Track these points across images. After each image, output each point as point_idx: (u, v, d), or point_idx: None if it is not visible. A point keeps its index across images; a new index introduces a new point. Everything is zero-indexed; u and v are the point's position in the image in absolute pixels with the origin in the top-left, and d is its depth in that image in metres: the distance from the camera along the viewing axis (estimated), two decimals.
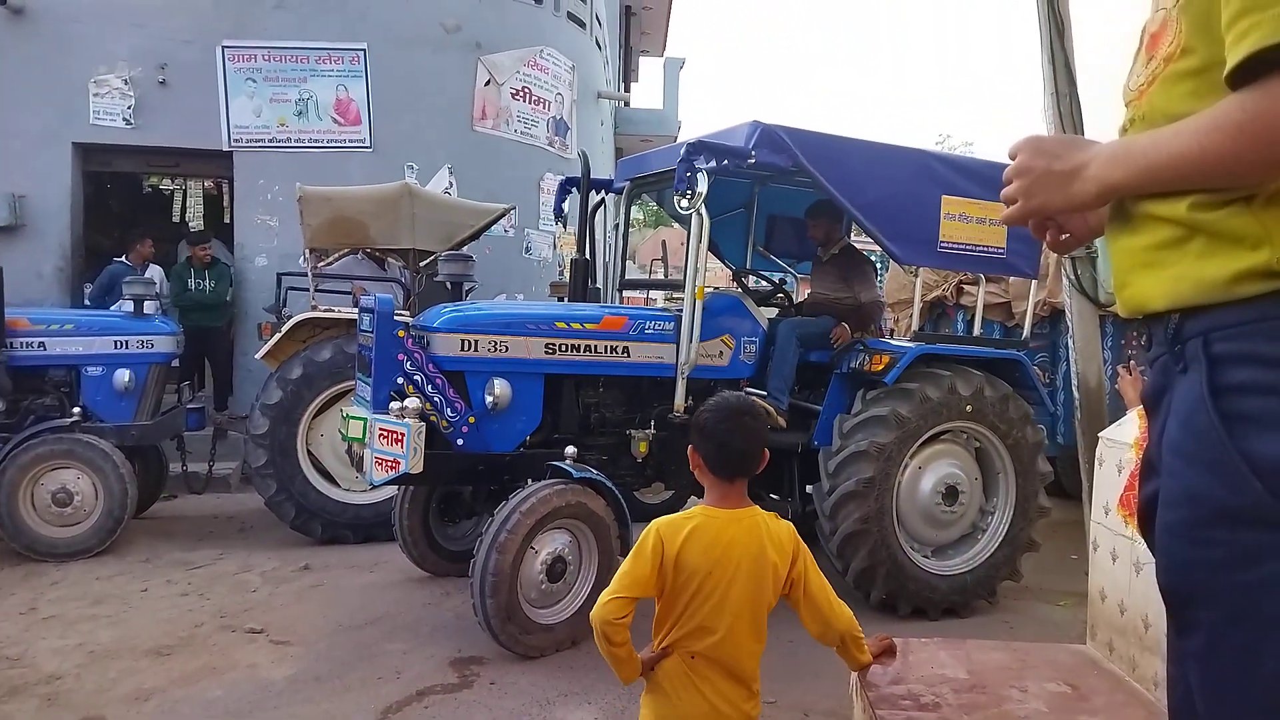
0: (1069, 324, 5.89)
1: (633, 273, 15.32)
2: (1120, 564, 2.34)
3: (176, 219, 10.08)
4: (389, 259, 7.05)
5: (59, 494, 5.36)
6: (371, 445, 4.16)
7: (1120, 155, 1.14)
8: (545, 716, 3.53)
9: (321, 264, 6.49)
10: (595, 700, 3.69)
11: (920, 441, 4.78)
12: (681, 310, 4.63)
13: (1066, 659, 2.45)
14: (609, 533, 4.19)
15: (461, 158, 9.28)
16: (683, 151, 4.36)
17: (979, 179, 4.91)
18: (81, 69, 8.54)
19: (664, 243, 8.47)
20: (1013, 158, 1.27)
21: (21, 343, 5.65)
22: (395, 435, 4.05)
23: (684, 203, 4.38)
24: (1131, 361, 5.53)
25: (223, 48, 8.68)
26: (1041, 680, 2.25)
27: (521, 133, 9.77)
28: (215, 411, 7.20)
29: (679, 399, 4.64)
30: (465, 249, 6.73)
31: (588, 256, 5.52)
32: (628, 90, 19.85)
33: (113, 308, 6.89)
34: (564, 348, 4.54)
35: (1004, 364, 5.15)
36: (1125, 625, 2.31)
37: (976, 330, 5.58)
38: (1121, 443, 2.39)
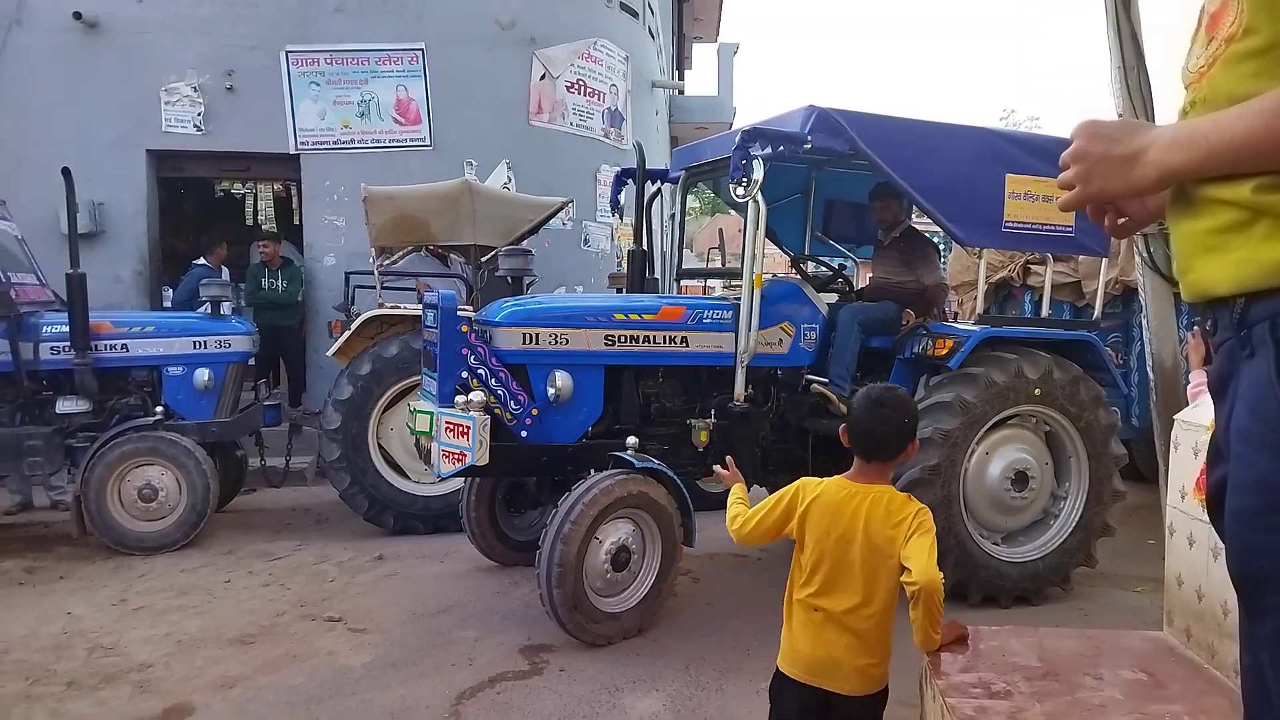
0: (1142, 303, 5.71)
1: (690, 262, 15.29)
2: (1197, 549, 2.29)
3: (249, 222, 10.36)
4: (451, 255, 7.16)
5: (144, 490, 5.58)
6: (438, 438, 4.24)
7: (1181, 139, 1.12)
8: (614, 704, 3.58)
9: (387, 262, 6.63)
10: (663, 688, 3.73)
11: (987, 427, 4.70)
12: (739, 299, 4.62)
13: (1142, 646, 2.40)
14: (671, 521, 4.21)
15: (519, 152, 9.37)
16: (738, 139, 4.32)
17: (1045, 155, 4.77)
18: (152, 78, 8.84)
19: (720, 231, 8.43)
20: (1072, 141, 1.25)
21: (105, 345, 5.88)
22: (461, 428, 4.12)
23: (739, 190, 4.34)
24: (1196, 326, 5.36)
25: (286, 53, 8.90)
26: (1117, 667, 2.21)
27: (577, 125, 9.83)
28: (290, 408, 7.41)
29: (738, 388, 4.63)
30: (525, 243, 6.80)
31: (645, 247, 5.51)
32: (682, 78, 19.77)
33: (199, 309, 7.13)
34: (623, 339, 4.56)
35: (1074, 345, 5.05)
36: (1203, 611, 2.25)
37: (1044, 311, 5.47)
38: (1197, 425, 2.33)
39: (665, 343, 4.64)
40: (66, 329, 5.69)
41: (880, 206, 5.49)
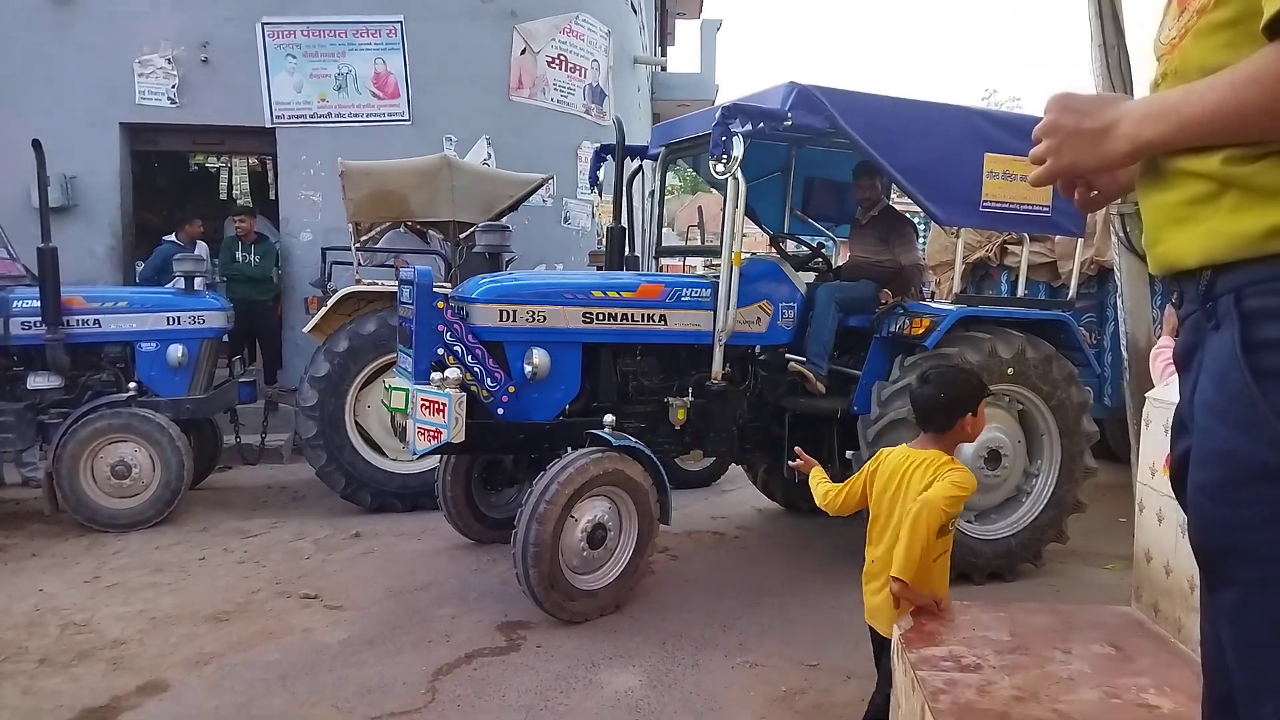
0: (1118, 282, 5.76)
1: (671, 240, 15.26)
2: (1166, 525, 2.32)
3: (224, 196, 10.25)
4: (430, 232, 7.11)
5: (118, 467, 5.53)
6: (414, 416, 4.21)
7: (1153, 111, 1.12)
8: (591, 679, 3.60)
9: (364, 238, 6.57)
10: (639, 663, 3.75)
11: None
12: (718, 277, 4.61)
13: (1111, 621, 2.43)
14: (648, 499, 4.21)
15: (499, 128, 9.29)
16: (718, 115, 4.29)
17: (1023, 134, 4.71)
18: (126, 49, 8.69)
19: (700, 209, 8.40)
20: (1046, 113, 1.25)
21: (78, 320, 5.81)
22: (437, 405, 4.10)
23: (719, 167, 4.33)
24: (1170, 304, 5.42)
25: (263, 24, 8.76)
26: (1086, 642, 2.24)
27: (558, 101, 9.75)
28: (265, 385, 7.36)
29: (716, 366, 4.63)
30: (504, 220, 6.76)
31: (624, 225, 5.50)
32: (664, 55, 19.64)
33: (168, 286, 7.05)
34: (601, 316, 4.54)
35: (1048, 325, 5.07)
36: (1171, 586, 2.28)
37: (1021, 291, 5.49)
38: (1168, 403, 2.35)
39: (643, 321, 4.62)
40: (38, 304, 5.61)
41: (862, 185, 5.49)
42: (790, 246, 5.92)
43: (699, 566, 5.06)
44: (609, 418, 4.32)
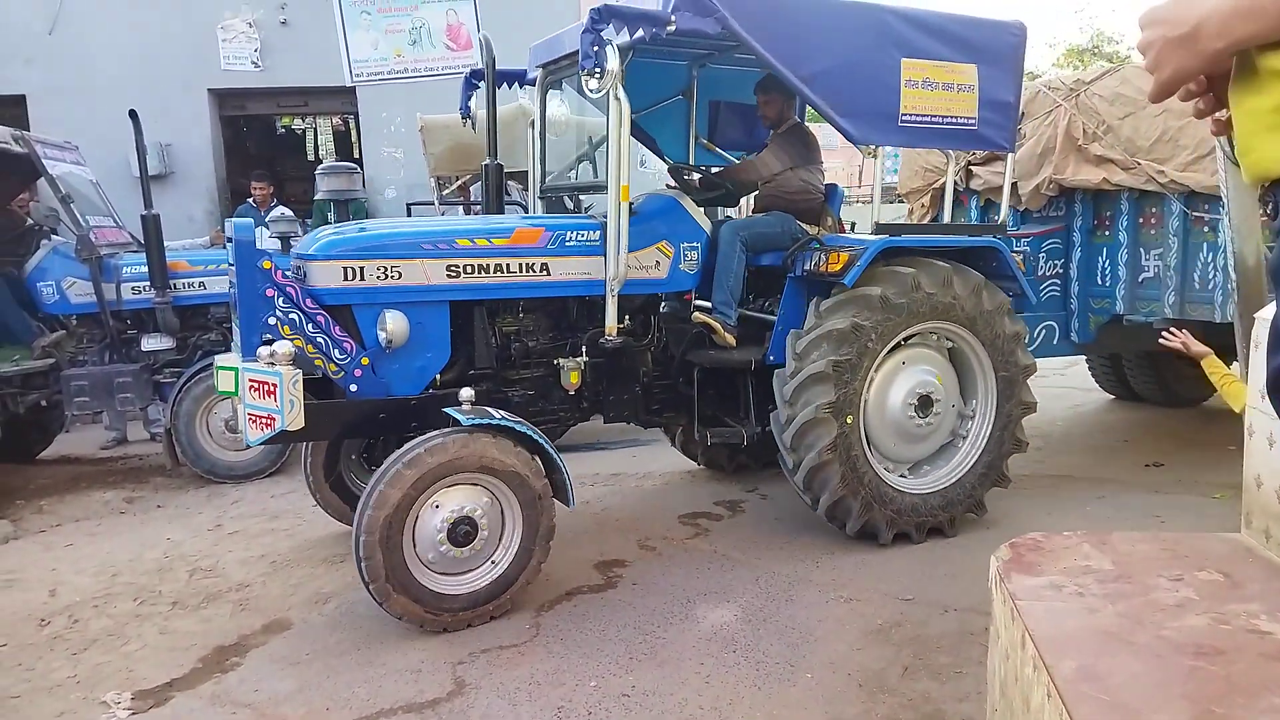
0: (1224, 199, 5.46)
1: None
2: (1277, 449, 2.24)
3: (310, 157, 10.50)
4: (510, 182, 7.16)
5: (230, 421, 5.82)
6: (244, 399, 3.57)
7: (1243, 6, 1.06)
8: (687, 614, 3.69)
9: (445, 191, 6.66)
10: (734, 599, 3.82)
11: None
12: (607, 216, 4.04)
13: (1219, 548, 2.38)
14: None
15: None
16: (585, 21, 3.70)
17: (944, 37, 4.27)
18: (209, 16, 8.90)
19: (591, 139, 8.01)
20: (1141, 30, 1.20)
21: (184, 283, 6.08)
22: (267, 386, 3.47)
23: (592, 83, 3.74)
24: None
25: None
26: (1192, 569, 2.19)
27: None
28: None
29: (610, 319, 4.09)
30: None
31: (499, 161, 4.82)
32: None
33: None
34: (470, 269, 3.93)
35: (979, 252, 4.59)
36: None
37: (1003, 216, 4.93)
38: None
39: (522, 271, 4.03)
40: (145, 269, 5.89)
41: (765, 101, 4.79)
42: (695, 179, 5.06)
43: (788, 504, 5.10)
44: (466, 392, 3.68)
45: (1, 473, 5.86)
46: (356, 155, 9.82)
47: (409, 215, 7.69)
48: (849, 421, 4.17)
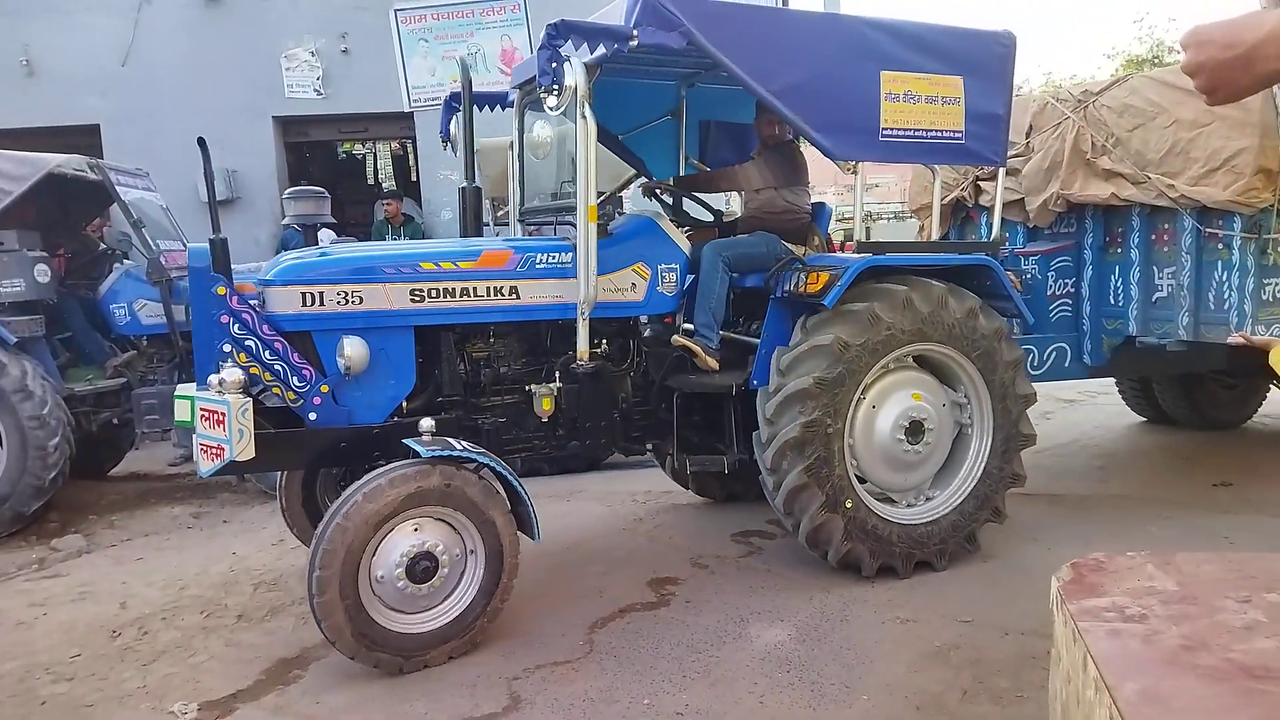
0: None
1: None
2: None
3: (370, 181, 10.75)
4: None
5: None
6: (196, 429, 3.50)
7: None
8: (740, 633, 3.68)
9: (499, 213, 6.76)
10: (788, 618, 3.80)
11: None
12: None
13: None
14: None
15: None
16: (541, 37, 3.56)
17: (927, 48, 4.14)
18: (272, 45, 9.21)
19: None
20: (1185, 51, 1.20)
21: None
22: (216, 415, 3.38)
23: (551, 100, 3.61)
24: None
25: (395, 12, 9.11)
26: (1261, 590, 2.13)
27: None
28: None
29: (581, 344, 3.95)
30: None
31: (476, 183, 4.65)
32: (786, 3, 19.15)
33: None
34: (435, 293, 3.82)
35: (970, 272, 4.40)
36: None
37: (995, 233, 4.73)
38: None
39: (490, 295, 3.91)
40: None
41: (766, 122, 4.65)
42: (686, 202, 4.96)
43: None
44: (427, 422, 3.51)
45: (74, 488, 6.08)
46: (414, 179, 10.04)
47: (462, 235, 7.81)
48: (848, 506, 4.04)
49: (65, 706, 3.28)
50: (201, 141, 6.17)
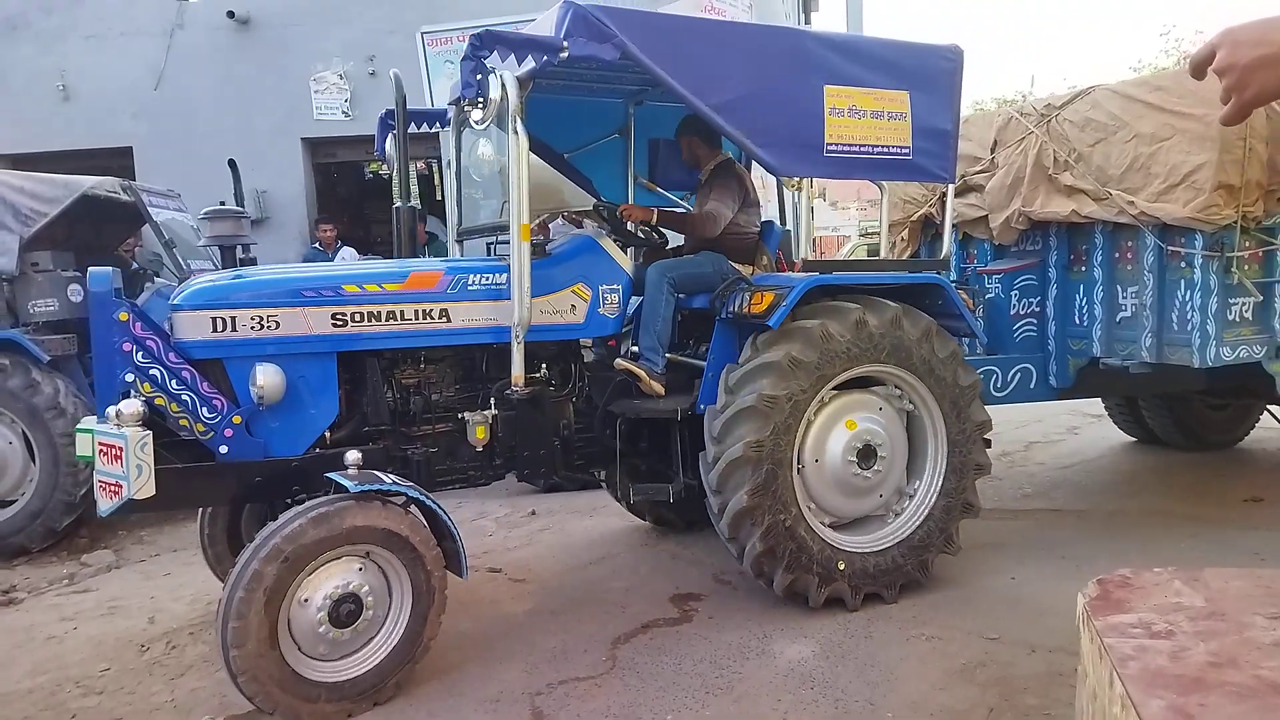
0: None
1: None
2: None
3: (396, 202, 10.89)
4: (585, 220, 7.28)
5: None
6: (96, 465, 3.29)
7: None
8: (764, 649, 3.66)
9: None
10: (811, 634, 3.78)
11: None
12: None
13: None
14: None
15: None
16: (466, 48, 3.45)
17: (872, 62, 4.05)
18: (301, 68, 9.37)
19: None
20: (1211, 56, 1.20)
21: None
22: (114, 450, 3.16)
23: (476, 114, 3.49)
24: None
25: (421, 34, 9.22)
26: None
27: None
28: None
29: (515, 369, 3.76)
30: None
31: (412, 203, 4.52)
32: (808, 22, 19.24)
33: None
34: (359, 317, 3.63)
35: (920, 291, 4.27)
36: None
37: (945, 251, 4.65)
38: None
39: (418, 318, 3.73)
40: None
41: (685, 143, 4.57)
42: (631, 226, 4.75)
43: None
44: (353, 455, 3.33)
45: None
46: (439, 198, 10.14)
47: (489, 254, 7.87)
48: (841, 567, 3.96)
49: (95, 719, 3.32)
50: (232, 163, 6.34)
